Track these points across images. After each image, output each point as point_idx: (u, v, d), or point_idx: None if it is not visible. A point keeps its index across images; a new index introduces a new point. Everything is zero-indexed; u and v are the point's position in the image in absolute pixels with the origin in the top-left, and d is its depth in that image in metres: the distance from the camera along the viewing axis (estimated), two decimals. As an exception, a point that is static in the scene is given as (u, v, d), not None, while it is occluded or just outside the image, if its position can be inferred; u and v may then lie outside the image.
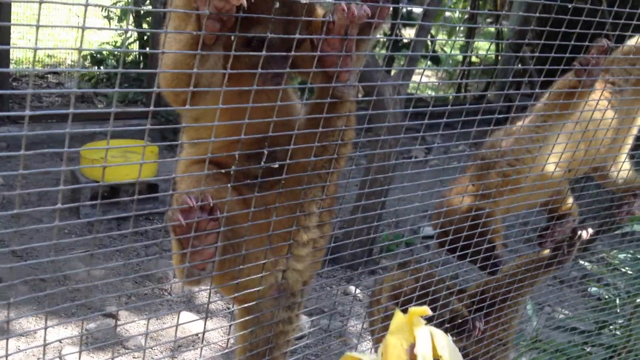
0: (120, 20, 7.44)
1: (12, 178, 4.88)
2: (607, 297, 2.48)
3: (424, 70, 9.39)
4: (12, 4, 6.19)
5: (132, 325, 3.60)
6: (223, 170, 1.11)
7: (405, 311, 1.60)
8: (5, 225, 3.98)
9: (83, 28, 0.87)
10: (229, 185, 1.25)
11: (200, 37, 1.04)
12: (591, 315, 2.49)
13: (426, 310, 0.92)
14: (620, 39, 2.06)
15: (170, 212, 1.14)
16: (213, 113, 1.07)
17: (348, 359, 0.95)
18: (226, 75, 1.07)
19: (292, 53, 1.16)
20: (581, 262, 2.78)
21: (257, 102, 1.11)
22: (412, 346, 0.90)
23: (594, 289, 2.64)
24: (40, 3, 0.82)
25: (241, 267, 1.25)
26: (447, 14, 11.03)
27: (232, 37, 1.10)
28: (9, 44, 6.31)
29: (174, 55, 1.17)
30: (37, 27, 0.85)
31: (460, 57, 10.55)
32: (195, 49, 1.05)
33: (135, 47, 7.59)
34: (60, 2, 0.89)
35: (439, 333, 0.92)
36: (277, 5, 1.08)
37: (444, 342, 0.91)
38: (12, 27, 6.48)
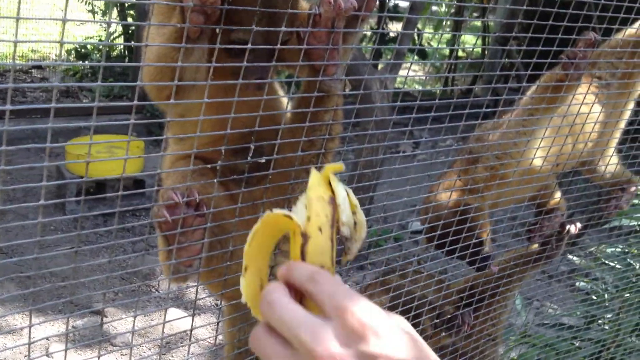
0: (104, 14, 7.38)
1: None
2: (595, 291, 2.49)
3: (411, 64, 9.39)
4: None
5: (120, 322, 3.57)
6: (209, 166, 1.09)
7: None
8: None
9: (64, 20, 0.84)
10: (215, 180, 1.23)
11: (184, 30, 1.01)
12: (580, 310, 2.49)
13: (341, 166, 0.93)
14: (608, 32, 2.06)
15: (156, 208, 1.12)
16: (198, 109, 1.05)
17: (271, 218, 0.91)
18: (210, 70, 1.05)
19: (278, 46, 1.13)
20: (570, 256, 2.78)
21: (242, 97, 1.09)
22: (332, 198, 0.92)
23: (582, 283, 2.64)
24: (20, -5, 0.80)
25: (228, 263, 1.24)
26: (434, 8, 11.04)
27: (217, 30, 1.08)
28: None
29: (157, 49, 1.14)
30: (17, 19, 0.82)
31: (447, 52, 10.58)
32: (179, 43, 1.03)
33: (120, 41, 7.53)
34: None
35: (349, 190, 0.97)
36: None
37: (354, 197, 0.96)
38: (-5, 21, 6.42)
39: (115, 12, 6.84)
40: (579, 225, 2.24)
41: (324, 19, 1.15)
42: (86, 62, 7.43)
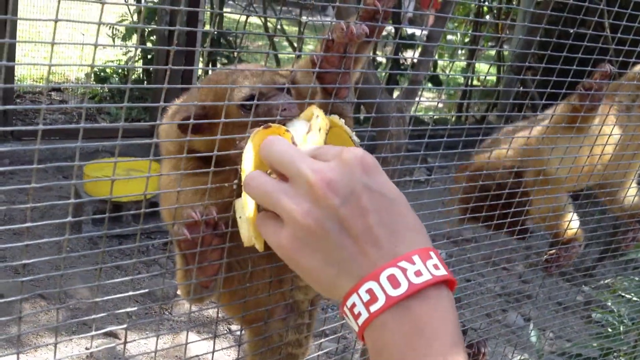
0: (124, 39, 7.49)
1: (14, 195, 4.88)
2: (611, 323, 2.47)
3: (422, 89, 9.44)
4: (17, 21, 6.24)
5: (133, 345, 3.57)
6: (227, 184, 1.11)
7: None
8: (7, 241, 3.97)
9: (95, 45, 0.87)
10: (232, 199, 1.25)
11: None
12: (595, 342, 2.47)
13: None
14: (624, 65, 2.07)
15: (176, 226, 1.14)
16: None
17: (260, 135, 0.98)
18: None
19: (290, 85, 1.19)
20: (585, 287, 2.77)
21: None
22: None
23: (597, 315, 2.63)
24: (56, 22, 0.83)
25: (248, 285, 1.25)
26: (450, 37, 11.10)
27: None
28: (14, 60, 6.35)
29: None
30: (52, 44, 0.85)
31: (461, 80, 10.62)
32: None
33: (140, 65, 7.63)
34: (75, 21, 0.89)
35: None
36: None
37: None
38: (15, 44, 6.54)
39: (134, 38, 6.95)
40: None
41: (337, 44, 1.19)
42: (109, 84, 7.52)
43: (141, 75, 7.65)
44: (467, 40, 9.88)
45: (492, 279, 2.61)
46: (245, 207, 0.94)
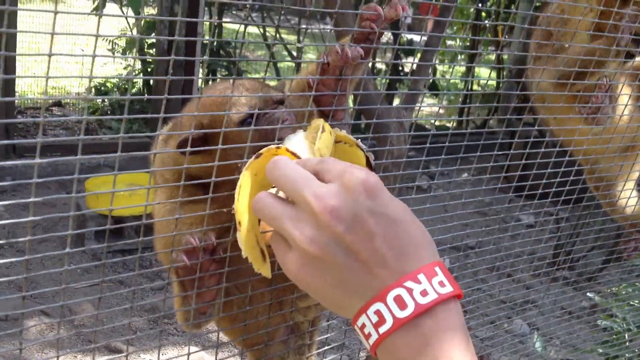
0: (124, 53, 7.51)
1: (17, 212, 4.88)
2: (617, 329, 2.46)
3: (423, 95, 9.44)
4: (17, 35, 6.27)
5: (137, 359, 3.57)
6: (225, 210, 1.11)
7: None
8: (10, 258, 3.94)
9: (93, 56, 0.87)
10: (230, 224, 1.25)
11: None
12: (600, 348, 2.46)
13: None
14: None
15: (174, 253, 1.13)
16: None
17: (258, 164, 0.97)
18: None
19: (288, 110, 1.18)
20: (589, 294, 2.76)
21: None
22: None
23: (603, 322, 2.62)
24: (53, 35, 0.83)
25: (248, 308, 1.25)
26: (449, 42, 11.11)
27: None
28: (14, 74, 6.37)
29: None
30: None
31: (461, 85, 10.61)
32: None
33: (139, 80, 7.64)
34: (73, 34, 0.89)
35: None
36: None
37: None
38: (16, 59, 6.56)
39: (134, 51, 6.97)
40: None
41: (332, 67, 1.20)
42: (110, 96, 7.54)
43: (141, 89, 7.66)
44: (466, 44, 9.89)
45: (497, 286, 2.60)
46: (239, 224, 0.95)
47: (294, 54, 8.67)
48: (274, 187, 0.95)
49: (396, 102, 7.81)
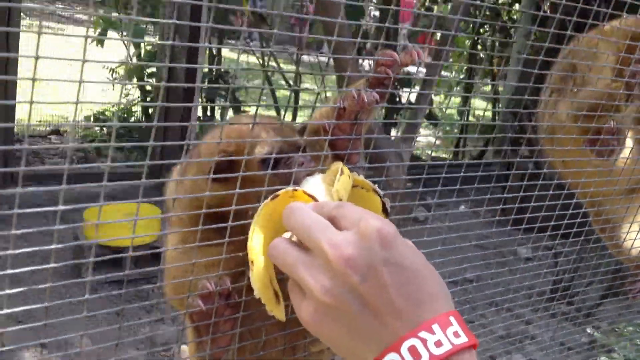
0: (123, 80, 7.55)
1: (16, 242, 4.84)
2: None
3: (421, 124, 9.49)
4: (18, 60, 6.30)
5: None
6: (241, 254, 1.11)
7: None
8: (5, 288, 3.91)
9: (80, 82, 0.87)
10: (244, 268, 1.25)
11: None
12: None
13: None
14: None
15: (191, 298, 1.13)
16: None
17: (273, 206, 0.96)
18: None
19: (305, 154, 1.20)
20: (588, 330, 2.75)
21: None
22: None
23: (603, 358, 2.61)
24: (35, 58, 0.83)
25: (262, 353, 1.24)
26: (444, 72, 11.20)
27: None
28: (14, 101, 6.38)
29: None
30: (33, 80, 0.85)
31: (456, 117, 10.68)
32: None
33: (138, 108, 7.68)
34: (59, 58, 0.89)
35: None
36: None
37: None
38: (16, 85, 6.58)
39: (134, 80, 7.02)
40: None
41: (348, 112, 1.22)
42: (105, 128, 7.55)
43: (141, 117, 7.69)
44: (462, 75, 9.98)
45: (496, 321, 2.60)
46: (252, 264, 0.95)
47: (291, 82, 8.73)
48: None
49: (393, 132, 7.84)
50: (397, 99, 8.47)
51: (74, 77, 0.85)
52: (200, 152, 1.33)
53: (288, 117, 8.76)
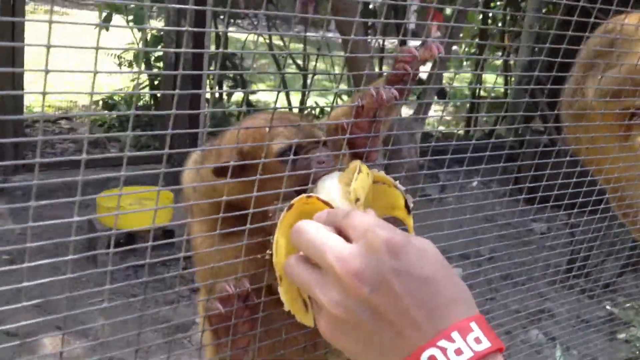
0: (130, 65, 7.52)
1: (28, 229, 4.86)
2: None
3: (433, 102, 9.41)
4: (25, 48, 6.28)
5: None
6: (259, 256, 1.09)
7: None
8: (23, 275, 3.92)
9: (95, 72, 0.84)
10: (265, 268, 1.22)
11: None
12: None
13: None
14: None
15: (209, 301, 1.13)
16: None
17: (302, 204, 0.96)
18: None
19: (322, 154, 1.18)
20: (608, 307, 2.73)
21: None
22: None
23: (622, 335, 2.59)
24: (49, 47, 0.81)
25: (281, 352, 1.22)
26: (454, 47, 11.09)
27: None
28: (22, 88, 6.38)
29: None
30: (46, 72, 0.82)
31: (467, 92, 10.60)
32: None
33: (146, 91, 7.66)
34: (70, 46, 0.87)
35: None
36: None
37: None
38: (23, 73, 6.58)
39: (142, 65, 6.98)
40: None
41: (367, 110, 1.19)
42: (115, 112, 7.54)
43: (149, 101, 7.68)
44: (473, 50, 9.88)
45: (511, 294, 2.58)
46: (280, 280, 0.95)
47: (299, 62, 8.68)
48: None
49: (404, 111, 7.80)
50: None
51: (82, 62, 0.82)
52: (220, 150, 1.31)
53: (297, 98, 8.73)
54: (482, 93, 9.91)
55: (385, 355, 0.78)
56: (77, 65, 8.00)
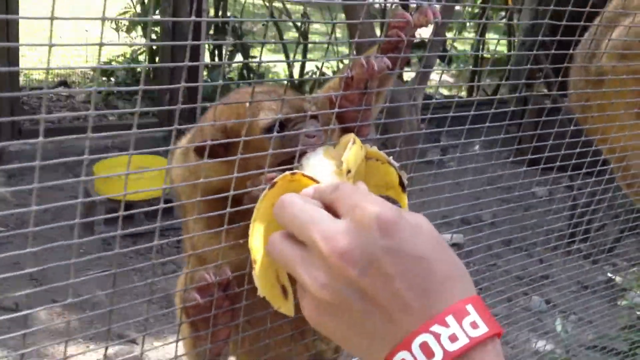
0: (128, 31, 7.42)
1: (25, 197, 4.83)
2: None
3: (435, 69, 9.29)
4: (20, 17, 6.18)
5: (152, 351, 3.54)
6: (241, 241, 1.02)
7: None
8: (20, 246, 3.90)
9: (100, 45, 0.79)
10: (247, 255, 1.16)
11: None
12: (623, 336, 2.41)
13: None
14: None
15: (186, 292, 1.06)
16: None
17: (286, 181, 0.89)
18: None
19: (308, 130, 1.11)
20: (609, 274, 2.70)
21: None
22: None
23: (625, 302, 2.55)
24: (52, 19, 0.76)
25: (267, 341, 1.14)
26: (457, 8, 10.92)
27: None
28: (18, 56, 6.29)
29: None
30: (50, 46, 0.77)
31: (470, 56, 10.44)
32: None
33: (143, 57, 7.57)
34: (75, 18, 0.82)
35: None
36: None
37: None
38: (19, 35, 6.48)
39: (139, 30, 6.90)
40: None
41: (356, 81, 1.10)
42: (112, 80, 7.46)
43: (148, 69, 7.58)
44: (476, 11, 9.71)
45: (512, 261, 2.55)
46: (254, 262, 0.89)
47: (299, 25, 8.55)
48: None
49: (405, 77, 7.68)
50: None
51: (75, 26, 0.77)
52: (203, 129, 1.25)
53: (297, 65, 8.61)
54: (486, 56, 9.77)
55: (376, 341, 0.72)
56: (70, 29, 7.90)
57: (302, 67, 8.32)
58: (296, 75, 7.88)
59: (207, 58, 7.69)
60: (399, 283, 0.69)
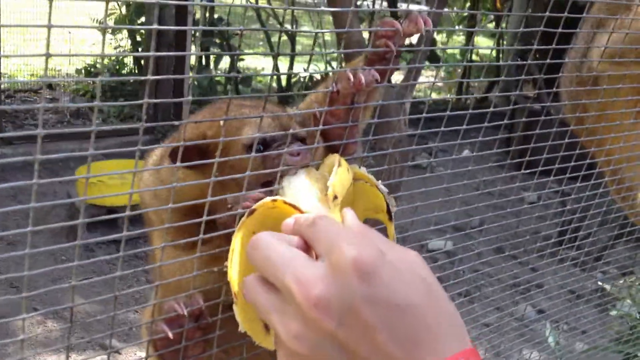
0: (113, 33, 7.33)
1: (6, 202, 4.73)
2: (633, 325, 2.35)
3: (424, 67, 9.27)
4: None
5: (134, 359, 3.47)
6: (215, 269, 0.93)
7: None
8: (1, 252, 3.83)
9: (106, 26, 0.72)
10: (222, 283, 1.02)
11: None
12: (615, 346, 2.36)
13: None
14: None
15: (154, 323, 0.96)
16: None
17: (267, 209, 0.83)
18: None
19: (290, 149, 1.02)
20: (600, 283, 2.65)
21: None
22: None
23: (615, 312, 2.50)
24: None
25: None
26: (445, 9, 10.91)
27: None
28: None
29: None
30: (49, 26, 0.70)
31: (459, 57, 10.43)
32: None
33: (129, 60, 7.48)
34: (67, 26, 0.75)
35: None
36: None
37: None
38: (2, 39, 6.39)
39: (124, 31, 6.81)
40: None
41: (343, 95, 1.02)
42: (97, 80, 7.37)
43: (133, 69, 7.50)
44: (465, 15, 9.70)
45: (503, 269, 2.50)
46: (235, 297, 0.82)
47: (287, 26, 8.49)
48: None
49: (393, 78, 7.64)
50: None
51: (57, 21, 0.71)
52: (180, 135, 1.17)
53: (285, 64, 8.55)
54: (475, 57, 9.77)
55: None
56: (54, 31, 7.80)
57: (291, 66, 8.27)
58: (283, 79, 7.81)
59: (192, 59, 7.62)
60: (380, 334, 0.62)
